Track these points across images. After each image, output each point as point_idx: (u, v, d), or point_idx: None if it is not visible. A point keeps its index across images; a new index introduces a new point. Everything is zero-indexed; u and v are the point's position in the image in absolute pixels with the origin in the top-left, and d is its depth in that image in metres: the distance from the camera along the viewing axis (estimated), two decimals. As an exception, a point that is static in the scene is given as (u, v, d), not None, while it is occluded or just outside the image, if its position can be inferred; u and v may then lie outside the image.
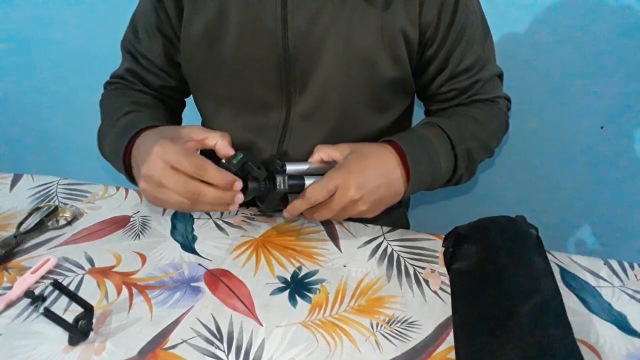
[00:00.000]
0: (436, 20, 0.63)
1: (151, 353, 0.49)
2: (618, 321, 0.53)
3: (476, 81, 0.69)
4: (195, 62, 0.68)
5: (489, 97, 0.71)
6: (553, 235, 0.72)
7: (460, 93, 0.70)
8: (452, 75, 0.68)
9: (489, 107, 0.71)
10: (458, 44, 0.65)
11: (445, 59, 0.67)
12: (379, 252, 0.63)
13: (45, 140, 1.56)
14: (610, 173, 1.13)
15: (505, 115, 0.74)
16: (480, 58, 0.68)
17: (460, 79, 0.69)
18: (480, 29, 0.67)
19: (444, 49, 0.65)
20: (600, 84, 1.02)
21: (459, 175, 0.66)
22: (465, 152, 0.64)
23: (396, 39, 0.62)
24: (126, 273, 0.59)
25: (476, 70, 0.68)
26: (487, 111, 0.70)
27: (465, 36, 0.65)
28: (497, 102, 0.73)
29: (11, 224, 0.67)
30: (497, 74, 0.72)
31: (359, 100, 0.67)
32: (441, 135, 0.63)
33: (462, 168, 0.65)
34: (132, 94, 0.73)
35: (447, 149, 0.62)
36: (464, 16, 0.64)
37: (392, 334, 0.51)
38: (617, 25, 0.95)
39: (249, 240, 0.65)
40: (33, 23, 1.30)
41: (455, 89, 0.70)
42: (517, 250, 0.54)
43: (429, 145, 0.61)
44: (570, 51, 1.00)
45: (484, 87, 0.70)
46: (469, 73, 0.68)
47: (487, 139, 0.69)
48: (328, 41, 0.62)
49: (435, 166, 0.61)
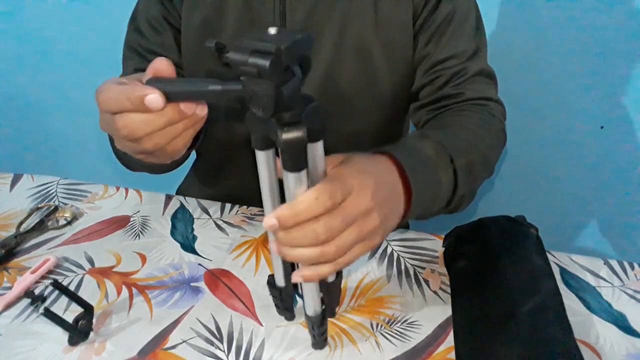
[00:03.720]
0: (424, 2, 0.63)
1: (151, 353, 0.49)
2: (618, 321, 0.53)
3: (463, 68, 0.65)
4: (192, 53, 0.68)
5: (478, 96, 0.65)
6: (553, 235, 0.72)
7: (446, 81, 0.65)
8: (437, 61, 0.65)
9: (480, 110, 0.64)
10: (445, 29, 0.65)
11: (428, 41, 0.65)
12: (379, 252, 0.63)
13: (45, 140, 1.56)
14: (610, 173, 1.13)
15: (500, 124, 0.66)
16: (469, 48, 0.66)
17: (446, 65, 0.65)
18: (471, 22, 0.66)
19: (427, 31, 0.65)
20: (600, 84, 1.02)
21: (459, 196, 0.54)
22: (465, 166, 0.53)
23: (391, 28, 0.63)
24: (126, 273, 0.59)
25: (463, 59, 0.65)
26: (479, 117, 0.63)
27: (453, 23, 0.64)
28: (489, 105, 0.66)
29: (11, 224, 0.67)
30: (487, 72, 0.68)
31: (354, 95, 0.67)
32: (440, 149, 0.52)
33: (463, 186, 0.53)
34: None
35: (447, 164, 0.51)
36: (451, 3, 0.64)
37: (392, 334, 0.51)
38: (617, 25, 0.95)
39: (249, 240, 0.65)
40: (33, 23, 1.30)
41: (441, 75, 0.65)
42: (517, 250, 0.54)
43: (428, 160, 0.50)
44: (570, 51, 1.00)
45: (472, 80, 0.66)
46: (455, 60, 0.65)
47: (485, 150, 0.59)
48: (325, 34, 0.63)
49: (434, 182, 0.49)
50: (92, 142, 1.50)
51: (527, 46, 1.01)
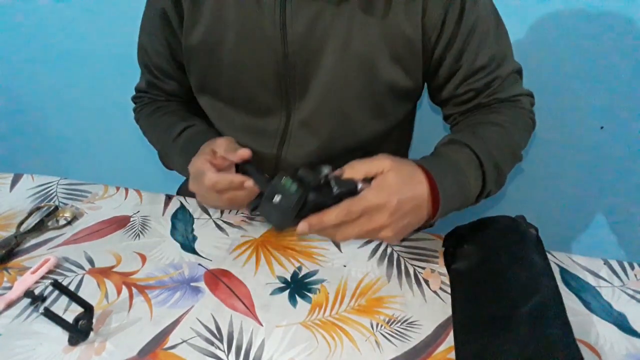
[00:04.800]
0: (442, 20, 0.61)
1: (151, 353, 0.49)
2: (618, 321, 0.53)
3: (494, 79, 0.66)
4: (196, 68, 0.69)
5: (509, 95, 0.67)
6: (553, 235, 0.72)
7: (478, 93, 0.67)
8: (467, 74, 0.66)
9: (511, 109, 0.67)
10: (470, 42, 0.63)
11: (457, 58, 0.64)
12: (379, 252, 0.63)
13: (45, 140, 1.56)
14: (610, 173, 1.13)
15: (529, 114, 0.70)
16: (496, 54, 0.65)
17: (476, 78, 0.66)
18: (493, 24, 0.65)
19: (453, 48, 0.64)
20: (600, 84, 1.02)
21: (487, 192, 0.61)
22: (494, 167, 0.60)
23: (397, 42, 0.62)
24: (126, 273, 0.59)
25: (493, 67, 0.65)
26: (510, 115, 0.66)
27: (477, 33, 0.63)
28: (519, 100, 0.69)
29: (11, 224, 0.67)
30: (515, 70, 0.68)
31: (358, 106, 0.66)
32: (469, 156, 0.58)
33: (491, 184, 0.60)
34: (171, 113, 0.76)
35: (477, 170, 0.58)
36: (474, 13, 0.62)
37: (392, 334, 0.51)
38: (617, 25, 0.95)
39: (249, 240, 0.65)
40: (33, 23, 1.30)
41: (472, 89, 0.66)
42: (517, 250, 0.54)
43: (459, 172, 0.57)
44: (570, 51, 1.00)
45: (502, 85, 0.66)
46: (486, 71, 0.65)
47: (514, 145, 0.65)
48: (327, 47, 0.62)
49: (463, 192, 0.57)
50: (92, 142, 1.50)
51: (527, 46, 1.01)
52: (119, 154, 1.46)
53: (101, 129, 1.44)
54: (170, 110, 0.77)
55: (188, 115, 0.75)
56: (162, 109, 0.77)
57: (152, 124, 0.77)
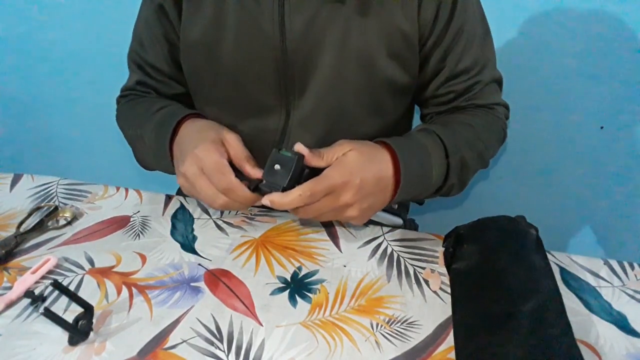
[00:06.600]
0: (433, 18, 0.62)
1: (151, 353, 0.49)
2: (618, 321, 0.53)
3: (475, 83, 0.68)
4: (194, 66, 0.68)
5: (487, 102, 0.70)
6: (553, 235, 0.72)
7: (457, 96, 0.69)
8: (449, 76, 0.67)
9: (486, 114, 0.69)
10: (456, 44, 0.65)
11: (442, 59, 0.66)
12: (379, 252, 0.63)
13: (45, 140, 1.56)
14: (609, 173, 1.13)
15: (503, 124, 0.72)
16: (480, 59, 0.67)
17: (458, 80, 0.68)
18: (480, 30, 0.67)
19: (440, 47, 0.65)
20: (600, 84, 1.02)
21: (449, 185, 0.63)
22: (459, 162, 0.62)
23: (394, 38, 0.62)
24: (126, 273, 0.59)
25: (475, 71, 0.67)
26: (484, 119, 0.68)
27: (464, 36, 0.65)
28: (495, 109, 0.71)
29: (11, 224, 0.67)
30: (496, 79, 0.71)
31: (357, 102, 0.67)
32: (438, 144, 0.61)
33: (454, 178, 0.63)
34: (153, 99, 0.73)
35: (442, 159, 0.60)
36: (462, 16, 0.63)
37: (392, 334, 0.51)
38: (617, 25, 0.95)
39: (249, 240, 0.65)
40: (32, 23, 1.30)
41: (453, 91, 0.68)
42: (517, 250, 0.54)
43: (425, 155, 0.59)
44: (570, 51, 1.00)
45: (482, 91, 0.69)
46: (468, 74, 0.67)
47: (482, 149, 0.66)
48: (325, 44, 0.62)
49: (426, 175, 0.59)
50: (93, 142, 1.50)
51: (527, 46, 1.01)
52: (119, 154, 1.46)
53: (101, 129, 1.44)
54: (152, 98, 0.73)
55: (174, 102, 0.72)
56: (153, 99, 0.73)
57: (128, 114, 0.73)
